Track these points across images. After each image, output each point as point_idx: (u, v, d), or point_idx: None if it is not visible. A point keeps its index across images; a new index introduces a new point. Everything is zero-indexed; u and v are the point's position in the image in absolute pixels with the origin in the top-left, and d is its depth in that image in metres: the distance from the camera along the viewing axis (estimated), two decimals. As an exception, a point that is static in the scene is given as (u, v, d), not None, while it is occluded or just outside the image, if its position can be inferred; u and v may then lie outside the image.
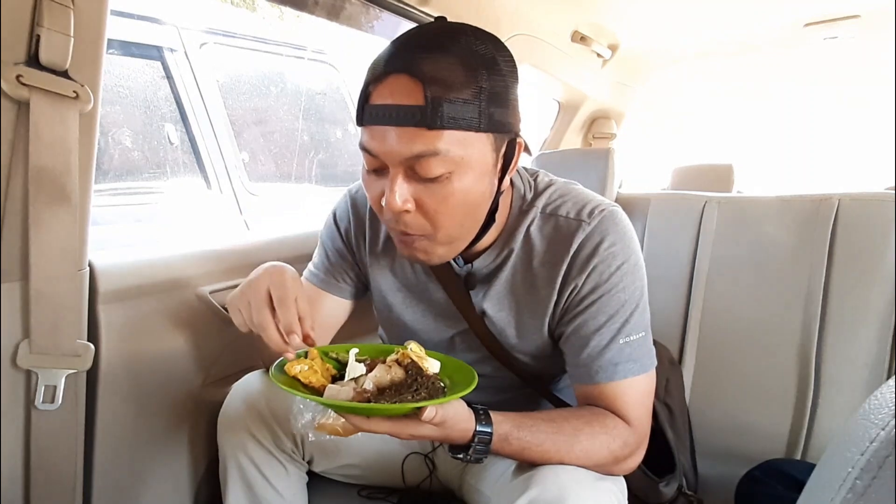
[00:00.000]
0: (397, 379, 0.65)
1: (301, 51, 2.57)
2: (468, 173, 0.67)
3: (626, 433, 0.74)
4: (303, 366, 0.67)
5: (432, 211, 0.68)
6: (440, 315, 0.88)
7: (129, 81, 1.96)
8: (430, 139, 0.63)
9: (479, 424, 0.67)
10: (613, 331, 0.75)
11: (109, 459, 0.94)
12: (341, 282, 0.93)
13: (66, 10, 0.70)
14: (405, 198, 0.67)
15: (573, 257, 0.77)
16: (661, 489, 0.87)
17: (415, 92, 0.63)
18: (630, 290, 0.76)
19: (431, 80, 0.63)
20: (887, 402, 0.29)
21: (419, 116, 0.63)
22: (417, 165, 0.65)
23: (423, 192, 0.67)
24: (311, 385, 0.66)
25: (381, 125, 0.65)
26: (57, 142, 0.74)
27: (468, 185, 0.68)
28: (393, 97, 0.64)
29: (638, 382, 0.76)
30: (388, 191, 0.66)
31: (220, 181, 2.19)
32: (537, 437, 0.69)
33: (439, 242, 0.72)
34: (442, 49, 0.65)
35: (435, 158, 0.64)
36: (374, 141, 0.66)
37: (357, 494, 0.97)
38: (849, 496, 0.26)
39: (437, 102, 0.62)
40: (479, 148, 0.67)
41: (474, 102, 0.64)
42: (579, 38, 1.65)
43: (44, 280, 0.78)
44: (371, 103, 0.66)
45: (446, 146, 0.64)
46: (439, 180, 0.66)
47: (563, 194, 0.82)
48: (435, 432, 0.64)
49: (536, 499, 0.64)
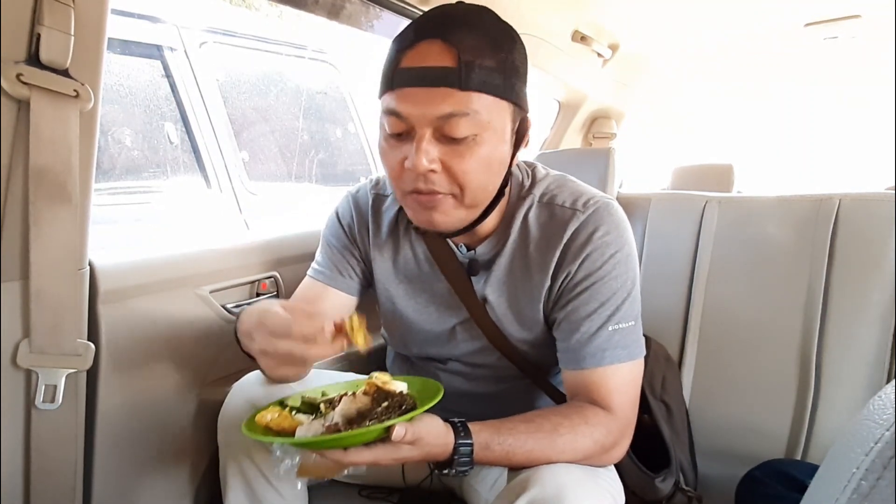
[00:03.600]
0: (364, 408, 0.65)
1: (301, 50, 2.57)
2: (492, 138, 0.71)
3: (608, 420, 0.75)
4: (273, 414, 0.68)
5: (460, 172, 0.71)
6: (442, 305, 0.89)
7: (129, 80, 1.95)
8: (461, 100, 0.67)
9: (458, 437, 0.67)
10: (604, 317, 0.77)
11: (109, 459, 0.94)
12: (346, 277, 0.94)
13: (66, 8, 0.69)
14: (432, 157, 0.69)
15: (567, 244, 0.79)
16: (658, 485, 0.88)
17: (447, 56, 0.67)
18: (622, 278, 0.78)
19: (464, 45, 0.67)
20: (891, 403, 0.29)
21: (452, 77, 0.66)
22: (447, 126, 0.68)
23: (449, 153, 0.70)
24: (283, 431, 0.67)
25: (414, 87, 0.68)
26: (57, 141, 0.74)
27: (491, 150, 0.72)
28: (425, 61, 0.68)
29: (624, 369, 0.77)
30: (415, 151, 0.69)
31: (220, 180, 2.18)
32: (518, 438, 0.69)
33: (464, 204, 0.74)
34: (471, 21, 0.70)
35: (465, 119, 0.68)
36: (405, 103, 0.69)
37: (357, 494, 0.97)
38: (853, 497, 0.26)
39: (470, 66, 0.67)
40: (501, 115, 0.72)
41: (501, 71, 0.69)
42: (580, 37, 1.65)
43: (44, 279, 0.78)
44: (402, 67, 0.69)
45: (476, 108, 0.68)
46: (466, 142, 0.69)
47: (561, 185, 0.85)
48: (413, 452, 0.64)
49: (535, 498, 0.64)
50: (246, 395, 0.87)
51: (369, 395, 0.67)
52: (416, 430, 0.62)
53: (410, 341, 0.95)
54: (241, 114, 2.31)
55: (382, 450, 0.62)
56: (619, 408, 0.77)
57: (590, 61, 1.82)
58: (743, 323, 1.19)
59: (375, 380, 0.68)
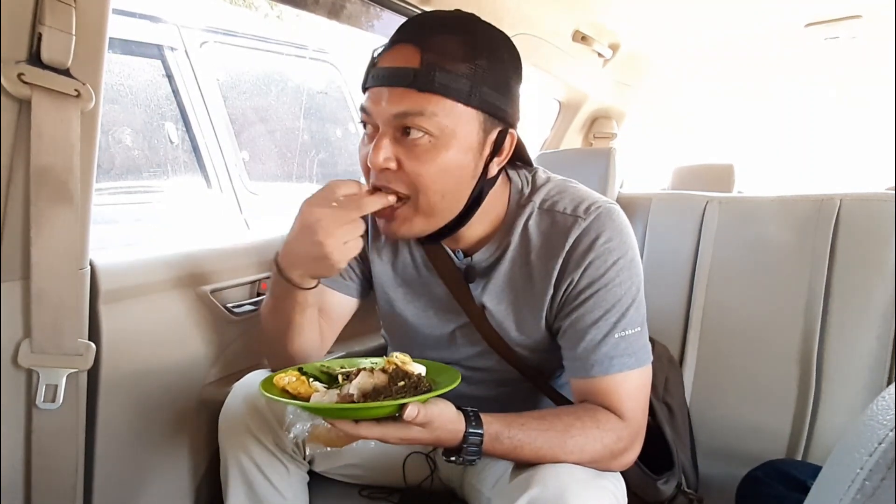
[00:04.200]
0: (380, 384, 0.65)
1: (302, 50, 2.57)
2: (452, 144, 0.71)
3: (619, 427, 0.74)
4: (290, 377, 0.68)
5: (413, 173, 0.71)
6: (441, 309, 0.89)
7: (129, 80, 1.95)
8: (418, 100, 0.68)
9: (469, 426, 0.67)
10: (610, 325, 0.76)
11: (110, 459, 0.94)
12: (347, 279, 0.94)
13: (67, 8, 0.69)
14: (387, 155, 0.71)
15: (569, 252, 0.78)
16: (660, 487, 0.87)
17: (413, 57, 0.69)
18: (626, 285, 0.77)
19: (430, 48, 0.68)
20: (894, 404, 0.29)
21: (411, 78, 0.68)
22: (403, 124, 0.69)
23: (405, 154, 0.71)
24: (299, 395, 0.67)
25: (379, 86, 0.71)
26: (58, 140, 0.74)
27: (450, 157, 0.71)
28: (394, 62, 0.70)
29: (633, 376, 0.76)
30: (374, 147, 0.71)
31: (221, 180, 2.18)
32: (529, 434, 0.69)
33: (420, 211, 0.74)
34: (447, 27, 0.72)
35: (419, 118, 0.68)
36: (370, 101, 0.72)
37: (358, 494, 0.97)
38: (857, 497, 0.26)
39: (431, 68, 0.68)
40: (465, 122, 0.71)
41: (467, 77, 0.69)
42: (580, 37, 1.64)
43: (45, 279, 0.78)
44: (376, 66, 0.72)
45: (433, 110, 0.69)
46: (422, 144, 0.70)
47: (561, 191, 0.83)
48: (423, 434, 0.64)
49: (537, 498, 0.64)
50: (247, 395, 0.87)
51: (387, 372, 0.67)
52: (429, 413, 0.62)
53: (410, 345, 0.95)
54: (241, 113, 2.31)
55: (393, 427, 0.63)
56: (631, 414, 0.76)
57: (590, 61, 1.82)
58: (744, 323, 1.19)
59: (395, 359, 0.68)
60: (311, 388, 0.68)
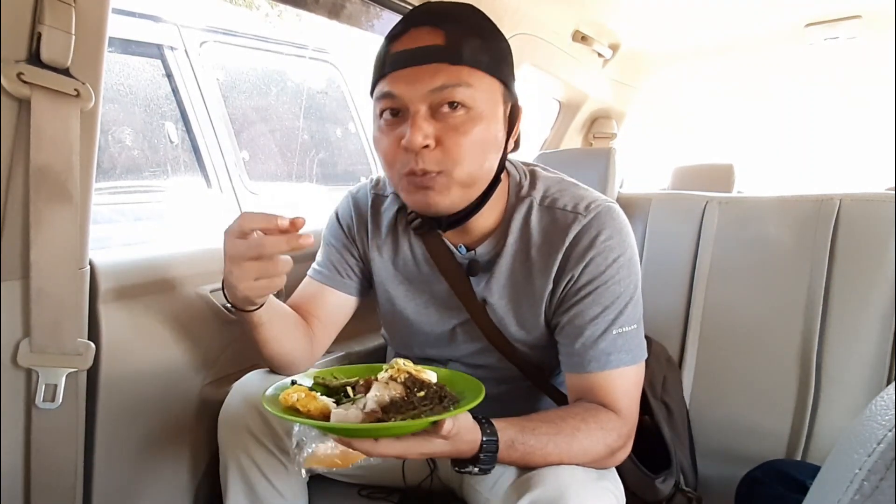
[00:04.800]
0: (396, 396, 0.62)
1: (302, 49, 2.57)
2: (483, 114, 0.73)
3: (619, 425, 0.75)
4: (299, 394, 0.63)
5: (454, 146, 0.71)
6: (442, 306, 0.89)
7: (129, 80, 1.95)
8: (453, 73, 0.70)
9: (484, 434, 0.65)
10: (608, 321, 0.77)
11: (110, 458, 0.94)
12: (346, 277, 0.94)
13: (67, 7, 0.69)
14: (427, 133, 0.70)
15: (569, 248, 0.79)
16: (658, 486, 0.88)
17: (437, 36, 0.71)
18: (625, 282, 0.78)
19: (450, 26, 0.71)
20: (893, 404, 0.29)
21: (442, 53, 0.70)
22: (441, 98, 0.70)
23: (442, 129, 0.71)
24: (309, 413, 0.62)
25: (407, 67, 0.71)
26: (58, 140, 0.74)
27: (484, 128, 0.73)
28: (416, 43, 0.71)
29: (628, 373, 0.78)
30: (410, 129, 0.70)
31: (221, 180, 2.18)
32: (540, 440, 0.69)
33: (456, 181, 0.74)
34: (457, 11, 0.75)
35: (459, 90, 0.70)
36: (399, 83, 0.71)
37: (357, 494, 0.97)
38: (856, 498, 0.26)
39: (458, 42, 0.70)
40: (491, 93, 0.74)
41: (487, 51, 0.73)
42: (580, 37, 1.64)
43: (44, 278, 0.77)
44: (393, 52, 0.72)
45: (468, 81, 0.70)
46: (459, 116, 0.71)
47: (562, 188, 0.84)
48: (446, 447, 0.62)
49: (538, 499, 0.64)
50: (247, 395, 0.88)
51: (398, 381, 0.63)
52: (459, 424, 0.61)
53: (410, 342, 0.95)
54: (241, 113, 2.31)
55: (415, 442, 0.61)
56: (627, 411, 0.77)
57: (590, 61, 1.82)
58: (743, 323, 1.19)
59: (404, 367, 0.65)
60: (322, 404, 0.63)
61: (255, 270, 0.68)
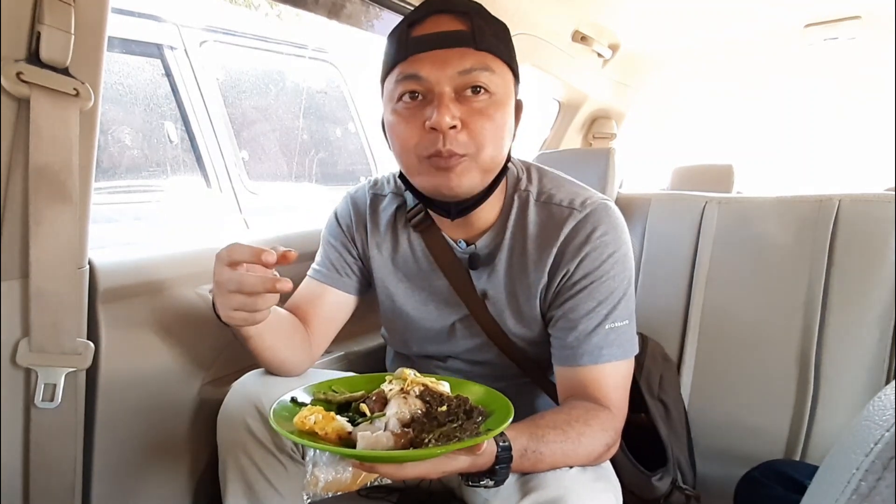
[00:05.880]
0: (417, 412, 0.59)
1: (302, 49, 2.57)
2: (503, 101, 0.75)
3: (613, 421, 0.77)
4: (316, 415, 0.60)
5: (479, 129, 0.72)
6: (441, 302, 0.90)
7: (129, 79, 1.95)
8: (479, 58, 0.72)
9: (499, 446, 0.64)
10: (601, 316, 0.78)
11: (109, 458, 0.94)
12: (345, 276, 0.95)
13: (66, 7, 0.69)
14: (455, 114, 0.71)
15: (564, 243, 0.80)
16: (654, 483, 0.88)
17: (459, 23, 0.73)
18: (619, 278, 0.80)
19: (472, 15, 0.73)
20: (891, 404, 0.29)
21: (468, 38, 0.72)
22: (468, 81, 0.72)
23: (468, 112, 0.73)
24: (327, 435, 0.59)
25: (431, 50, 0.72)
26: (57, 139, 0.74)
27: (504, 115, 0.75)
28: (439, 28, 0.73)
29: (619, 367, 0.79)
30: (438, 110, 0.70)
31: (220, 180, 2.18)
32: (549, 447, 0.69)
33: (479, 165, 0.75)
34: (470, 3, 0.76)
35: (485, 74, 0.72)
36: (424, 65, 0.72)
37: (357, 493, 0.97)
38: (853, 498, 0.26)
39: (481, 29, 0.73)
40: (508, 82, 0.76)
41: (503, 41, 0.75)
42: (580, 37, 1.64)
43: (44, 278, 0.77)
44: (415, 35, 0.72)
45: (493, 66, 0.73)
46: (483, 100, 0.72)
47: (558, 184, 0.86)
48: (465, 464, 0.61)
49: (538, 501, 0.65)
50: (246, 395, 0.88)
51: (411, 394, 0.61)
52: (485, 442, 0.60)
53: (410, 339, 0.96)
54: (241, 113, 2.31)
55: (439, 462, 0.59)
56: (618, 405, 0.78)
57: (590, 61, 1.82)
58: (742, 323, 1.19)
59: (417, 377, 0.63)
60: (339, 425, 0.60)
61: (236, 302, 0.67)
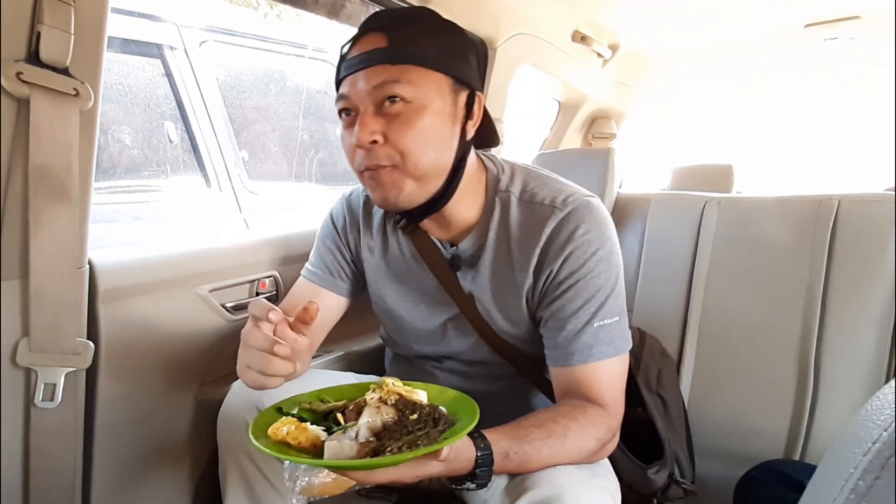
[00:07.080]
0: (389, 420, 0.61)
1: (302, 49, 2.57)
2: (428, 108, 0.75)
3: (607, 418, 0.76)
4: (289, 426, 0.62)
5: (399, 138, 0.74)
6: (432, 301, 0.90)
7: (128, 79, 1.95)
8: (392, 71, 0.73)
9: (478, 449, 0.65)
10: (589, 315, 0.78)
11: (109, 458, 0.94)
12: (338, 278, 0.95)
13: (66, 7, 0.69)
14: (373, 129, 0.73)
15: (546, 242, 0.80)
16: (651, 476, 0.88)
17: (380, 40, 0.74)
18: (605, 275, 0.79)
19: (394, 30, 0.75)
20: (889, 403, 0.29)
21: (383, 54, 0.73)
22: (382, 94, 0.73)
23: (387, 125, 0.74)
24: (300, 444, 0.61)
25: (355, 72, 0.75)
26: (57, 139, 0.74)
27: (429, 120, 0.75)
28: (364, 48, 0.75)
29: (612, 364, 0.78)
30: (358, 126, 0.74)
31: (220, 179, 2.18)
32: (533, 446, 0.69)
33: (409, 174, 0.76)
34: (408, 15, 0.79)
35: (397, 85, 0.73)
36: (348, 87, 0.76)
37: (356, 493, 0.97)
38: (851, 497, 0.26)
39: (398, 43, 0.74)
40: (436, 87, 0.76)
41: (433, 47, 0.75)
42: (580, 37, 1.65)
43: (44, 278, 0.77)
44: (347, 58, 0.76)
45: (407, 77, 0.73)
46: (402, 111, 0.73)
47: (541, 183, 0.85)
48: (442, 468, 0.62)
49: (534, 500, 0.65)
50: (246, 395, 0.88)
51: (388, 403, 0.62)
52: (453, 447, 0.60)
53: (405, 340, 0.96)
54: (240, 113, 2.31)
55: (410, 467, 0.60)
56: (613, 403, 0.78)
57: (590, 61, 1.82)
58: (742, 323, 1.19)
59: (393, 387, 0.64)
60: (313, 434, 0.62)
61: (246, 358, 0.69)
